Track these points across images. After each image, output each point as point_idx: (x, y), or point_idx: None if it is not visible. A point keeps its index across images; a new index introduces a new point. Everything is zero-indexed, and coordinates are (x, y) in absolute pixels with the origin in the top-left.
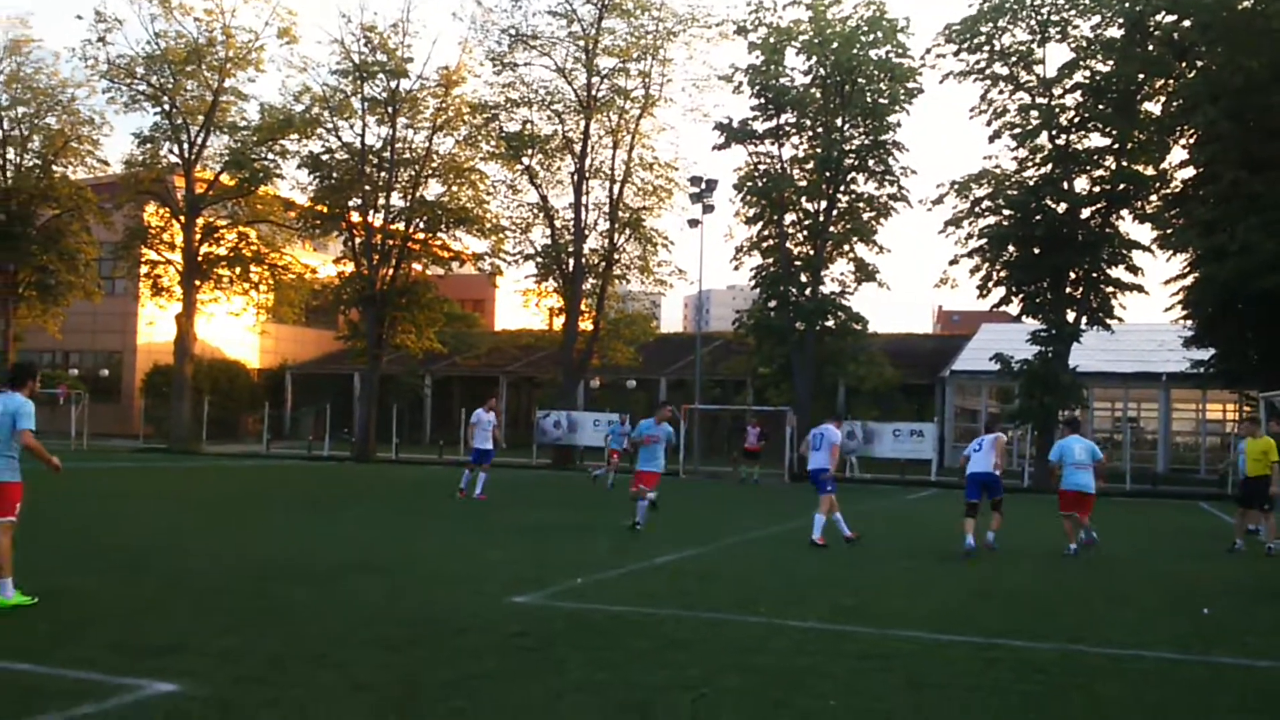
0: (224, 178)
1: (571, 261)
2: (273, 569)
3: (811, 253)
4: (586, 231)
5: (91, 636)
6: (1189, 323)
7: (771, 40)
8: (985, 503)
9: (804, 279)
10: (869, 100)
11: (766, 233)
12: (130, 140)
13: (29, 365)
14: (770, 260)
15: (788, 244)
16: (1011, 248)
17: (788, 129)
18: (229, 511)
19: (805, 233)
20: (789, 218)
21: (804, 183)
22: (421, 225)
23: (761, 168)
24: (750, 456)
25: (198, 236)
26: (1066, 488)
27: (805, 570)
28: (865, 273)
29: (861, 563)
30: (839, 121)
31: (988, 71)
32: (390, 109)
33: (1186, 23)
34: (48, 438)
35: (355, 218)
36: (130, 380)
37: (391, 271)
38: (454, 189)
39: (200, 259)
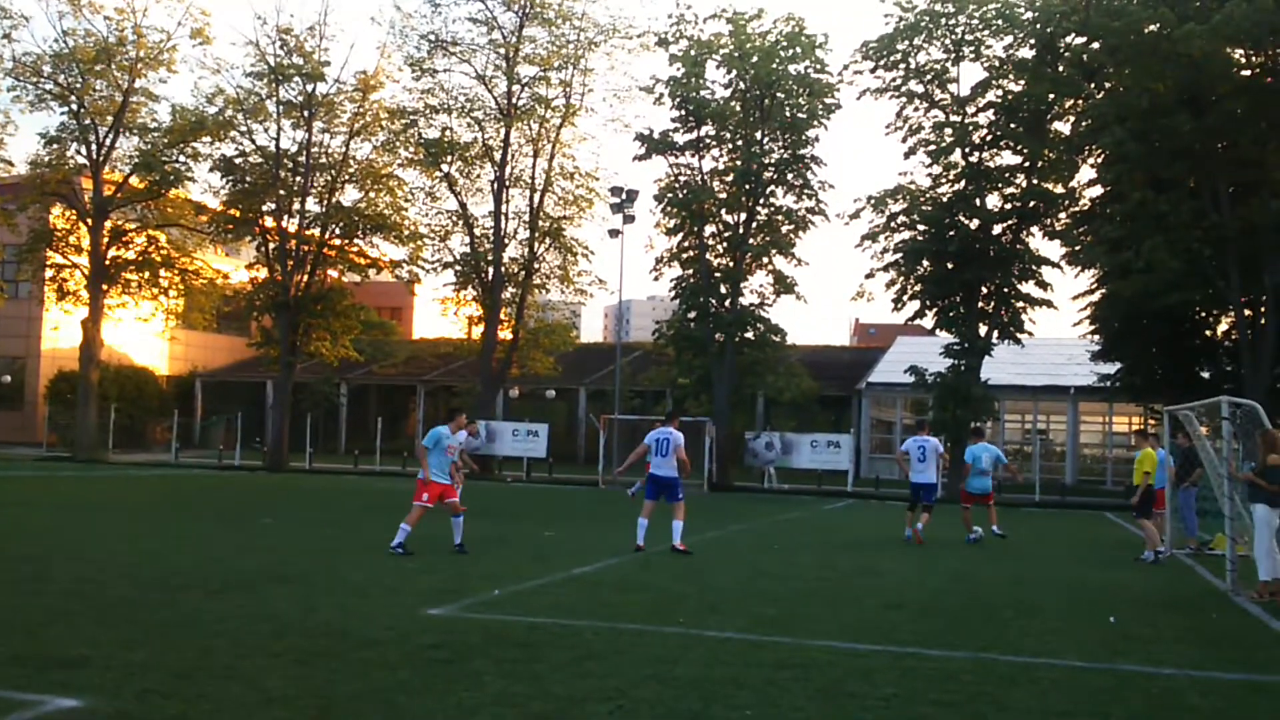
0: (133, 180)
1: (491, 270)
2: (182, 580)
3: (731, 264)
4: (506, 240)
5: None
6: (1096, 338)
7: (692, 53)
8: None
9: (723, 290)
10: (788, 114)
11: (687, 244)
12: (36, 140)
13: None
14: (690, 271)
15: (708, 255)
16: (926, 262)
17: (708, 141)
18: (136, 521)
19: (725, 244)
20: (709, 229)
21: (724, 195)
22: (338, 231)
23: (682, 179)
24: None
25: (105, 240)
26: (971, 490)
27: (723, 581)
28: (784, 285)
29: (780, 574)
30: (758, 135)
31: (903, 89)
32: (306, 113)
33: (1095, 45)
34: None
35: (269, 222)
36: (34, 387)
37: (306, 278)
38: (371, 195)
39: (108, 263)
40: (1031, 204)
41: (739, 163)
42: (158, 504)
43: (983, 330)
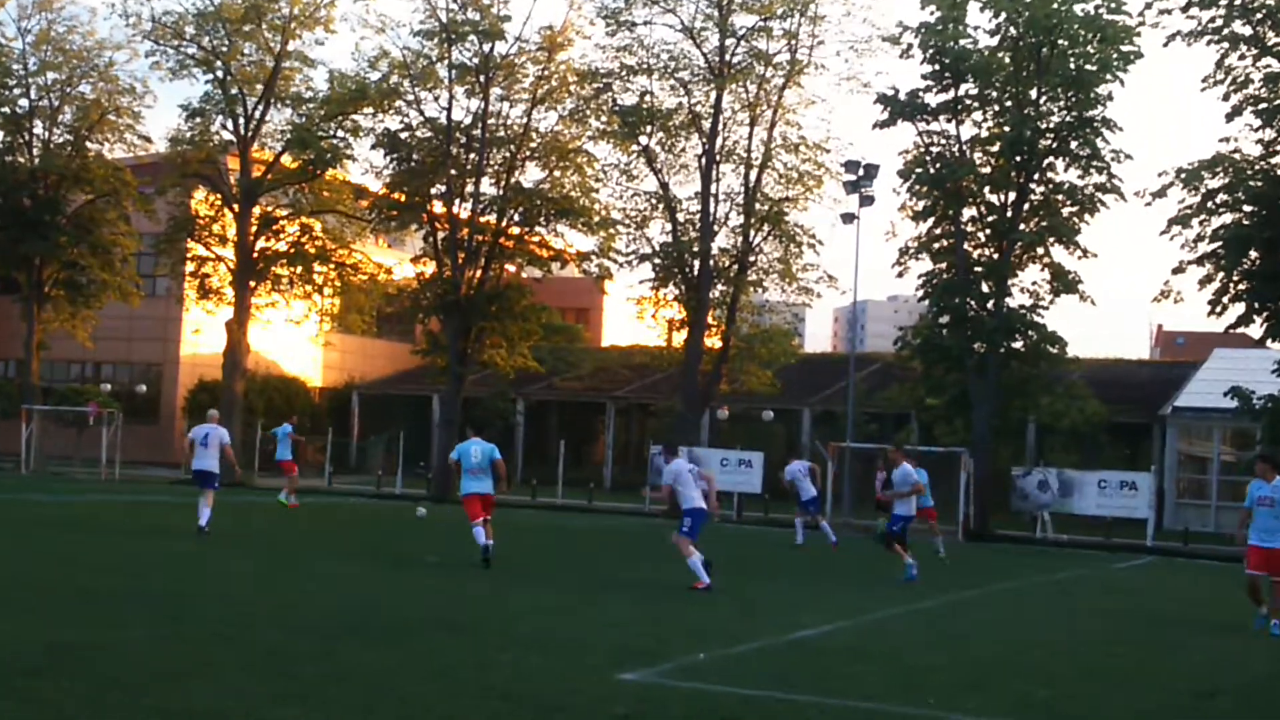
0: (285, 159)
1: (697, 264)
2: (337, 626)
3: (996, 256)
4: (716, 227)
5: (131, 700)
6: None
7: None
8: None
9: (986, 289)
10: (1072, 67)
11: (939, 231)
12: (177, 113)
13: None
14: (943, 265)
15: (966, 245)
16: (1255, 253)
17: (968, 102)
18: (286, 556)
19: (988, 231)
20: (968, 213)
21: (987, 169)
22: (517, 217)
23: (934, 150)
24: (882, 509)
25: (253, 228)
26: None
27: (983, 651)
28: (1064, 282)
29: (1056, 646)
30: (1034, 94)
31: (1225, 31)
32: (482, 78)
33: None
34: (73, 464)
35: (438, 208)
36: (171, 398)
37: (480, 273)
38: (556, 174)
39: (256, 255)
40: None
41: (1008, 129)
42: (309, 536)
43: None
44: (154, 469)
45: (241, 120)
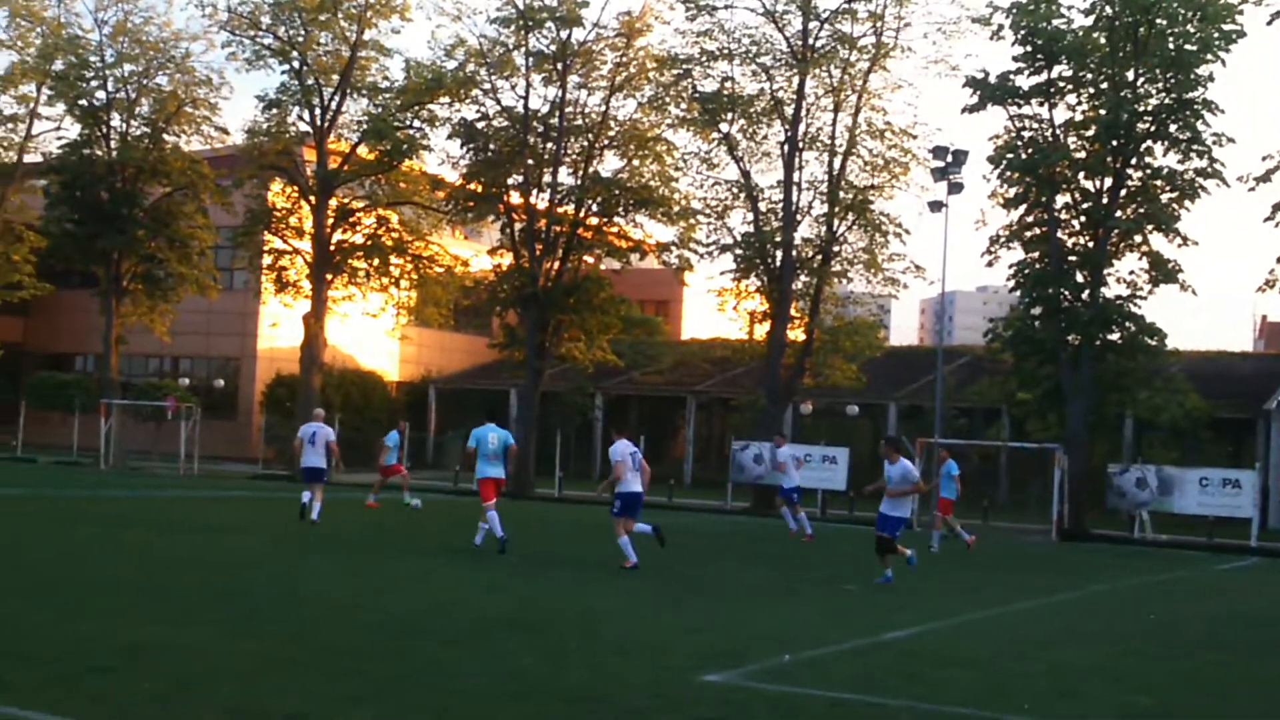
0: (361, 150)
1: (779, 254)
2: (412, 624)
3: (1091, 245)
4: (799, 216)
5: (201, 700)
6: None
7: None
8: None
9: (1080, 279)
10: (1171, 47)
11: (1031, 219)
12: (253, 105)
13: None
14: (1036, 254)
15: (1059, 233)
16: None
17: (1062, 85)
18: (360, 554)
19: (1083, 219)
20: (1062, 200)
21: (1082, 154)
22: (595, 208)
23: (1026, 135)
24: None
25: (330, 220)
26: None
27: (1079, 657)
28: (1163, 271)
29: (1156, 652)
30: (1130, 75)
31: None
32: (560, 65)
33: None
34: (152, 459)
35: (515, 199)
36: (249, 392)
37: (558, 265)
38: (635, 163)
39: (332, 247)
40: None
41: (1104, 112)
42: (383, 534)
43: None
44: (232, 464)
45: (318, 111)
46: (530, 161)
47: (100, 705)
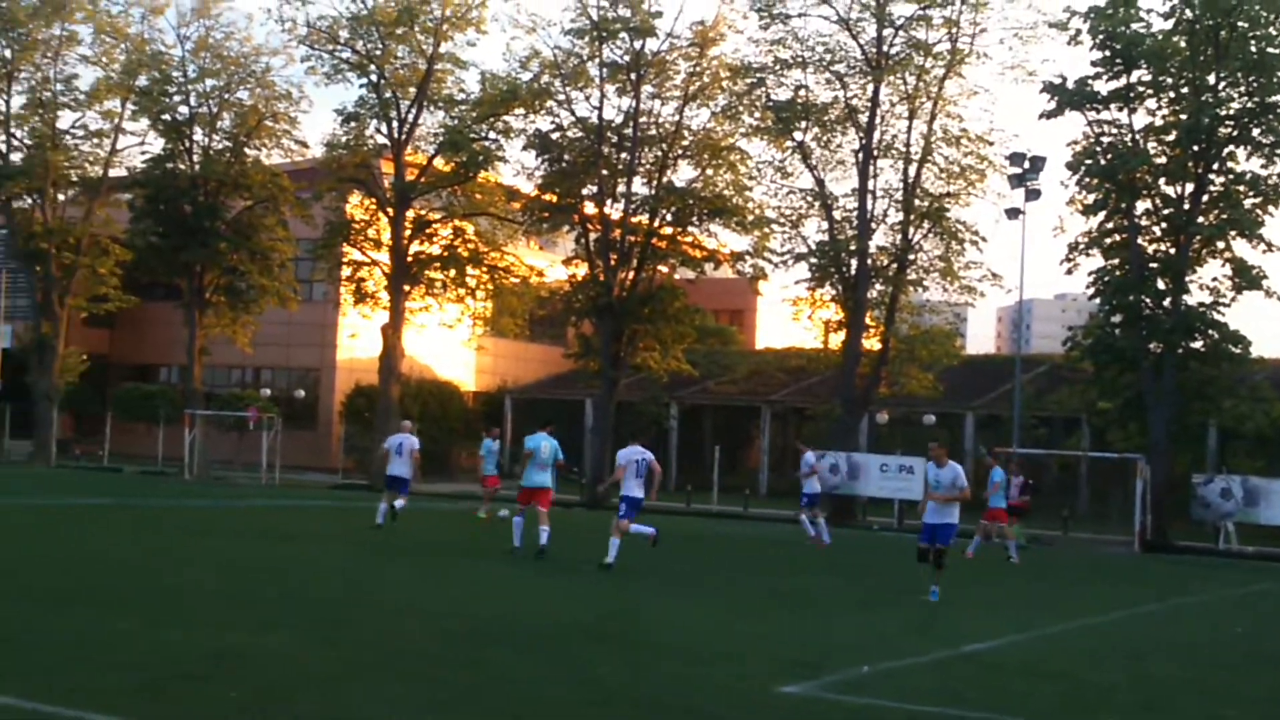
0: (438, 162)
1: (854, 263)
2: (490, 632)
3: (1173, 251)
4: (874, 224)
5: (287, 707)
6: None
7: None
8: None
9: (1162, 286)
10: (1253, 50)
11: (1111, 225)
12: (332, 118)
13: None
14: (1116, 261)
15: (1140, 240)
16: None
17: (1141, 89)
18: (437, 562)
19: (1164, 225)
20: (1142, 206)
21: (1163, 160)
22: (669, 217)
23: (1105, 140)
24: (1017, 515)
25: (407, 232)
26: None
27: (1164, 670)
28: (1247, 278)
29: (1242, 664)
30: (1211, 79)
31: None
32: (633, 75)
33: None
34: (234, 469)
35: (590, 209)
36: (328, 403)
37: (632, 275)
38: (709, 172)
39: (410, 259)
40: None
41: (1184, 116)
42: (460, 542)
43: None
44: (313, 474)
45: (395, 123)
46: (604, 172)
47: (185, 711)
